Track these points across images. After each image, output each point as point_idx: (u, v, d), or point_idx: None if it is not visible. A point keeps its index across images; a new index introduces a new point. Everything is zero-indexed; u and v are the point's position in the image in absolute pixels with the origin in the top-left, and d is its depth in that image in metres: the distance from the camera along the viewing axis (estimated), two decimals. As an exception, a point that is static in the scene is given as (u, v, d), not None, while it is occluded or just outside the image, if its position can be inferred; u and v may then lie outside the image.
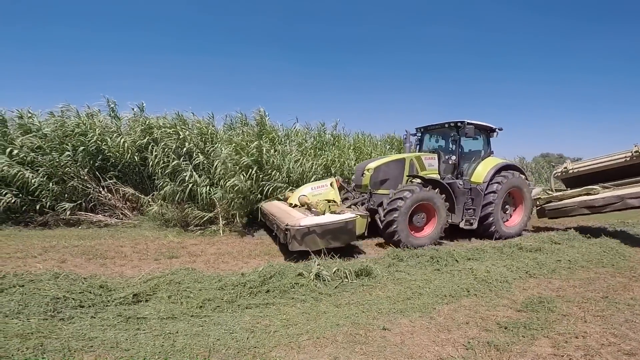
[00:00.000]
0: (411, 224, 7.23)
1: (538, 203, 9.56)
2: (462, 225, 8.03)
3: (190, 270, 4.86)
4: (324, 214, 6.51)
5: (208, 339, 3.11)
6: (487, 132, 8.97)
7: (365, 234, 6.92)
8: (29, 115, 9.26)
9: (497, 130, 8.95)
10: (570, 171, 9.78)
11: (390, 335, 3.42)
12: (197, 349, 2.95)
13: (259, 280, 4.39)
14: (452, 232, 8.22)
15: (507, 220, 8.86)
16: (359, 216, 6.50)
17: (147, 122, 9.58)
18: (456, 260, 5.88)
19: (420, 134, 9.51)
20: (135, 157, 9.16)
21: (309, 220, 6.01)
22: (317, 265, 4.83)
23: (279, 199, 8.81)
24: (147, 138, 9.25)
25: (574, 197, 8.92)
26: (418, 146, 9.54)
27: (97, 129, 9.08)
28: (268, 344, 3.13)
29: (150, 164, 8.88)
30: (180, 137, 9.32)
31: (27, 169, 8.25)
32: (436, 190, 7.41)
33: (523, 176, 8.95)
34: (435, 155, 8.43)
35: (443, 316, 3.88)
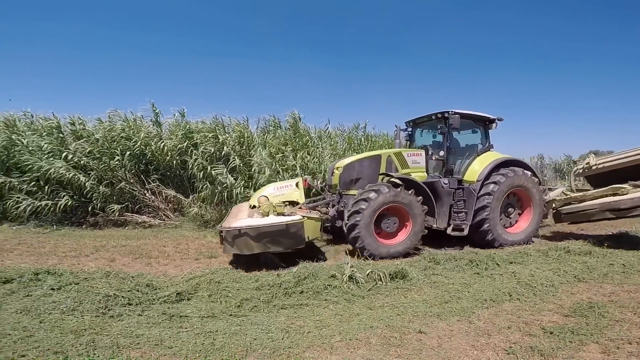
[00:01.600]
0: (380, 229, 6.44)
1: (554, 206, 8.22)
2: (449, 231, 7.02)
3: (228, 269, 5.07)
4: (267, 216, 6.00)
5: (245, 338, 3.22)
6: (484, 123, 7.85)
7: (322, 238, 6.50)
8: (80, 121, 10.00)
9: (496, 120, 7.82)
10: (594, 167, 8.26)
11: (427, 338, 3.37)
12: (235, 348, 3.06)
13: (294, 281, 4.49)
14: (441, 239, 7.34)
15: (511, 225, 7.64)
16: (306, 218, 5.78)
17: (187, 126, 10.03)
18: (497, 264, 5.68)
19: (410, 129, 8.55)
20: (176, 160, 9.61)
21: (243, 222, 5.69)
22: (350, 267, 4.83)
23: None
24: (186, 142, 9.67)
25: (597, 198, 7.53)
26: (408, 142, 8.58)
27: (141, 134, 9.62)
28: (302, 344, 3.19)
29: (190, 167, 9.28)
30: (220, 141, 9.67)
31: (80, 173, 8.89)
32: (410, 191, 6.49)
33: (530, 174, 7.60)
34: (422, 151, 7.53)
35: (483, 320, 3.77)
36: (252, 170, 9.08)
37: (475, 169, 7.35)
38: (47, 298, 3.80)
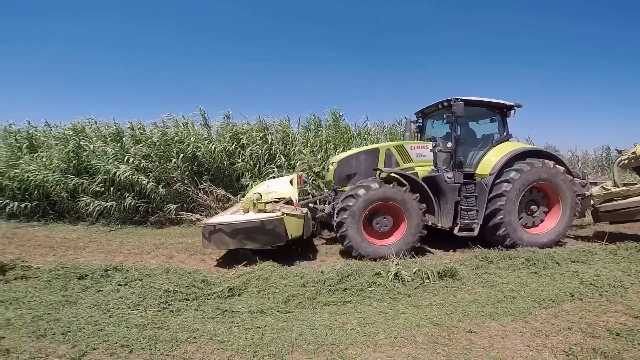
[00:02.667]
0: (371, 228, 6.16)
1: (593, 203, 7.29)
2: (456, 231, 6.42)
3: (276, 266, 5.23)
4: (247, 212, 5.97)
5: (291, 334, 3.34)
6: (500, 110, 7.08)
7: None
8: (139, 126, 10.80)
9: (514, 107, 7.00)
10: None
11: (477, 338, 3.29)
12: (281, 343, 3.18)
13: (337, 278, 4.54)
14: (451, 239, 6.74)
15: (535, 224, 6.85)
16: (286, 215, 5.71)
17: (234, 128, 10.46)
18: (557, 263, 5.37)
19: (420, 120, 7.94)
20: (225, 162, 10.04)
21: (221, 218, 5.71)
22: (396, 265, 4.80)
23: None
24: (234, 144, 10.11)
25: None
26: (419, 134, 8.03)
27: (192, 137, 10.16)
28: (345, 341, 3.24)
29: (239, 167, 9.70)
30: (269, 141, 10.00)
31: (141, 175, 9.62)
32: (406, 187, 6.09)
33: (557, 166, 6.69)
34: (430, 144, 7.01)
35: (540, 321, 3.61)
36: (296, 168, 9.26)
37: (489, 161, 6.69)
38: (116, 293, 4.17)
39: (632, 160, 7.43)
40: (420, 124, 7.96)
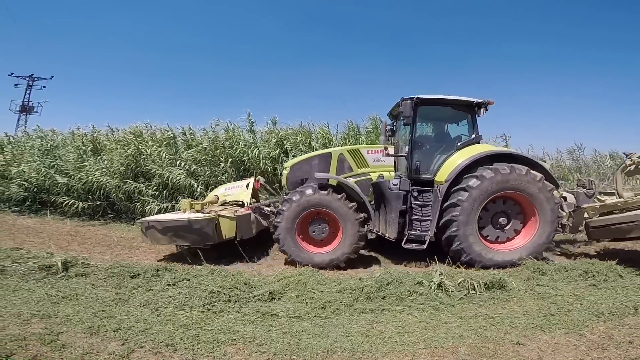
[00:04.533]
0: (308, 235, 6.03)
1: (586, 216, 6.35)
2: (403, 244, 5.87)
3: (314, 271, 5.25)
4: (184, 212, 6.30)
5: (327, 340, 3.33)
6: (469, 109, 6.30)
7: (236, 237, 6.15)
8: (190, 131, 11.36)
9: (483, 105, 6.20)
10: None
11: (525, 350, 3.15)
12: (317, 348, 3.19)
13: (376, 286, 4.48)
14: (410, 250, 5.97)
15: (505, 239, 6.01)
16: (218, 217, 5.92)
17: (280, 134, 10.70)
18: (620, 276, 5.00)
19: (393, 121, 7.28)
20: (269, 167, 10.27)
21: (155, 216, 6.17)
22: (440, 274, 4.66)
23: None
24: (278, 150, 10.34)
25: None
26: (390, 136, 7.28)
27: (240, 142, 10.51)
28: (381, 349, 3.20)
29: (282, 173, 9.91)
30: (313, 147, 10.11)
31: (192, 179, 10.09)
32: (341, 195, 5.79)
33: (536, 173, 5.79)
34: (390, 148, 6.56)
35: (597, 334, 3.41)
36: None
37: (450, 166, 5.98)
38: (164, 293, 4.39)
39: (635, 168, 6.36)
40: (392, 127, 7.33)
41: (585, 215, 6.32)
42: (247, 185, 7.44)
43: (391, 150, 6.59)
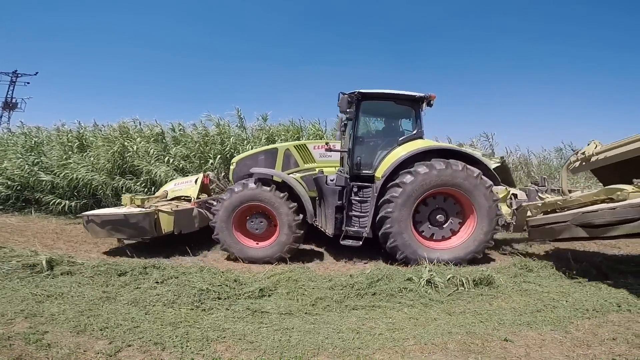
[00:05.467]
0: (245, 228, 6.12)
1: (529, 215, 6.01)
2: (341, 240, 5.87)
3: (305, 268, 5.27)
4: (126, 207, 6.58)
5: (318, 337, 3.33)
6: (413, 104, 6.17)
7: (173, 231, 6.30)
8: (180, 127, 11.23)
9: (425, 99, 6.04)
10: (595, 159, 5.95)
11: (513, 347, 3.20)
12: (308, 345, 3.19)
13: (367, 282, 4.50)
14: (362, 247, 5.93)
15: (444, 237, 5.88)
16: (159, 211, 6.16)
17: (270, 130, 10.68)
18: (604, 273, 5.11)
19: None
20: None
21: (95, 210, 6.54)
22: (429, 271, 4.70)
23: None
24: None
25: (585, 205, 5.14)
26: (344, 132, 6.99)
27: (232, 138, 10.42)
28: (372, 345, 3.21)
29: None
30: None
31: (180, 175, 9.97)
32: (271, 187, 5.86)
33: (474, 170, 5.64)
34: (338, 143, 6.58)
35: (582, 331, 3.48)
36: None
37: (388, 162, 5.88)
38: (152, 291, 4.33)
39: (584, 163, 6.18)
40: (345, 122, 7.04)
41: (529, 213, 6.04)
42: (196, 181, 7.58)
43: (334, 146, 6.67)
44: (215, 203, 6.77)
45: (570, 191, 6.24)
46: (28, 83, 30.18)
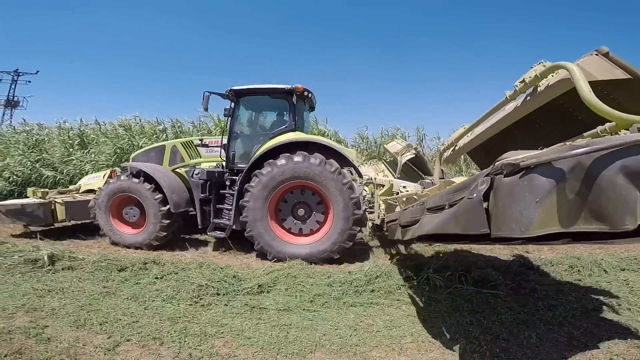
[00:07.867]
0: (122, 217, 6.64)
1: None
2: (208, 231, 6.27)
3: (304, 264, 5.25)
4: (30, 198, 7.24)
5: (315, 333, 3.35)
6: (286, 97, 6.27)
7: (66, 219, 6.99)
8: (179, 124, 11.32)
9: (294, 91, 6.13)
10: (461, 144, 5.52)
11: (510, 346, 3.19)
12: (305, 342, 3.20)
13: (365, 279, 4.49)
14: None
15: (312, 231, 5.80)
16: (55, 202, 6.84)
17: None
18: (605, 271, 5.07)
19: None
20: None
21: (3, 202, 7.14)
22: (428, 269, 4.70)
23: None
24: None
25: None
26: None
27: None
28: (369, 343, 3.21)
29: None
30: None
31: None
32: (140, 179, 6.35)
33: (332, 164, 5.52)
34: (211, 139, 7.11)
35: (580, 330, 3.47)
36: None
37: (255, 155, 6.01)
38: (152, 286, 4.36)
39: (452, 151, 5.75)
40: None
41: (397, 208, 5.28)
42: (104, 176, 8.04)
43: (211, 142, 7.16)
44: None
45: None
46: (29, 82, 30.29)
